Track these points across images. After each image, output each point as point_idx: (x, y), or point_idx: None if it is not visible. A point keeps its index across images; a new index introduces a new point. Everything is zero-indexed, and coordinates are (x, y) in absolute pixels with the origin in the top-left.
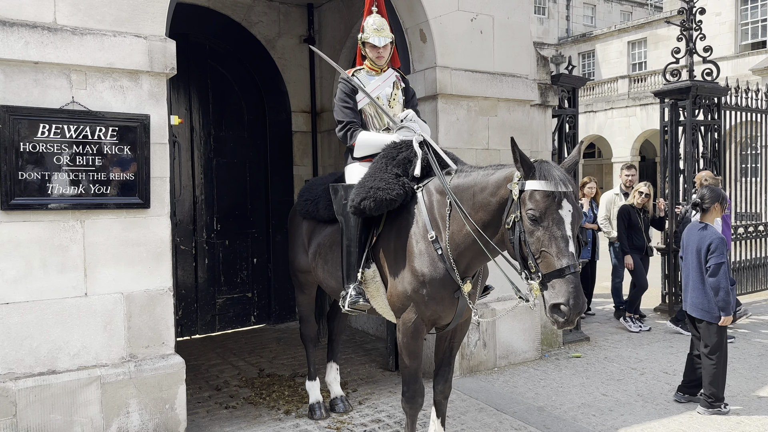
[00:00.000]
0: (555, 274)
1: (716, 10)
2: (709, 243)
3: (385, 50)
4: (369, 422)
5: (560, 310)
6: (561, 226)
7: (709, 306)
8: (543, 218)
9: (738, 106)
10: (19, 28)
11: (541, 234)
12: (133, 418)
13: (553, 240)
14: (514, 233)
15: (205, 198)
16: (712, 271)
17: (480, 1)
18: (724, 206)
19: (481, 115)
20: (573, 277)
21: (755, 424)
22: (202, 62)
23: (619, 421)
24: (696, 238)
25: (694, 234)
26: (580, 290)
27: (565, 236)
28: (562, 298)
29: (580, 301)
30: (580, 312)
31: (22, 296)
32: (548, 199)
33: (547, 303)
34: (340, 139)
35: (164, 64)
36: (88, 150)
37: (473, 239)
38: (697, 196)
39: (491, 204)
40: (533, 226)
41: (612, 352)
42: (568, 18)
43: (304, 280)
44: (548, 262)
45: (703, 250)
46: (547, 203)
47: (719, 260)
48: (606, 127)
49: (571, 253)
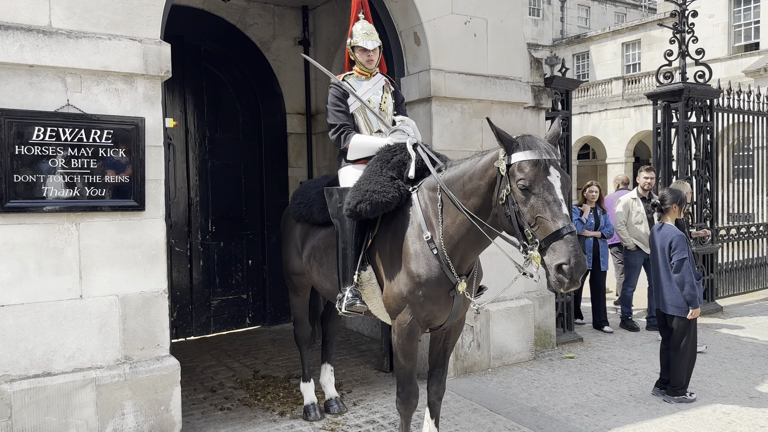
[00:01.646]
0: (552, 236)
1: (709, 11)
2: (670, 241)
3: (375, 54)
4: (363, 423)
5: (563, 270)
6: (552, 191)
7: (679, 301)
8: (533, 186)
9: (730, 108)
10: (15, 31)
11: (534, 201)
12: (128, 420)
13: (546, 205)
14: (508, 207)
15: (200, 200)
16: (675, 267)
17: (474, 4)
18: (682, 207)
19: (474, 118)
20: (571, 237)
21: (746, 423)
22: (197, 64)
23: (611, 421)
24: (658, 238)
25: (655, 234)
26: (579, 249)
27: (558, 200)
28: (564, 258)
29: (581, 259)
30: (582, 271)
31: (18, 298)
32: (536, 167)
33: (550, 266)
34: (333, 142)
35: (159, 67)
36: (83, 153)
37: (467, 228)
38: (658, 198)
39: (481, 188)
40: (525, 196)
41: (605, 352)
42: (562, 19)
43: (298, 282)
44: (545, 227)
45: (666, 248)
46: (535, 171)
47: (681, 256)
48: (600, 128)
49: (565, 215)
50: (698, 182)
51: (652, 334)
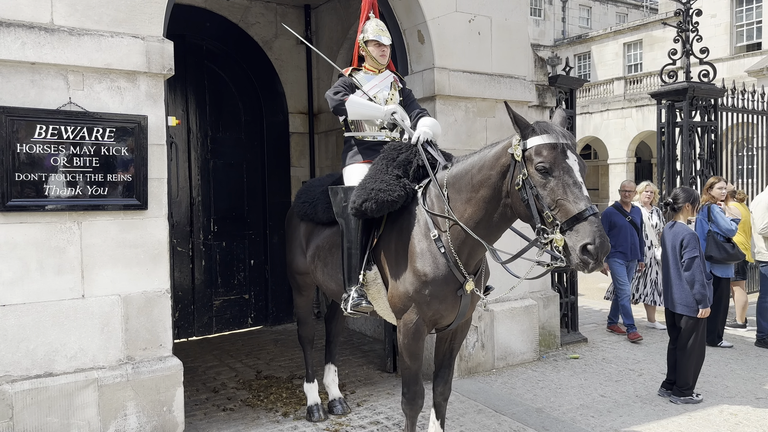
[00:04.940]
0: (575, 218)
1: (712, 12)
2: (681, 239)
3: (389, 50)
4: (367, 424)
5: (588, 251)
6: (571, 173)
7: (688, 300)
8: (553, 168)
9: (734, 108)
10: (16, 28)
11: (554, 184)
12: (130, 420)
13: (567, 188)
14: (525, 192)
15: (202, 199)
16: (686, 265)
17: (478, 2)
18: (695, 206)
19: (479, 116)
20: (594, 218)
21: (754, 424)
22: (199, 63)
23: (617, 422)
24: (670, 236)
25: (667, 233)
26: (603, 230)
27: (578, 182)
28: (588, 238)
29: (605, 239)
30: (607, 252)
31: (19, 298)
32: (554, 150)
33: (574, 248)
34: (332, 107)
35: (162, 65)
36: (86, 151)
37: (475, 223)
38: (671, 197)
39: (492, 177)
40: (544, 179)
41: (610, 353)
42: (563, 20)
43: (302, 282)
44: (566, 209)
45: (677, 246)
46: (554, 154)
47: (692, 254)
48: (602, 128)
49: (586, 196)
50: (702, 182)
51: (655, 335)
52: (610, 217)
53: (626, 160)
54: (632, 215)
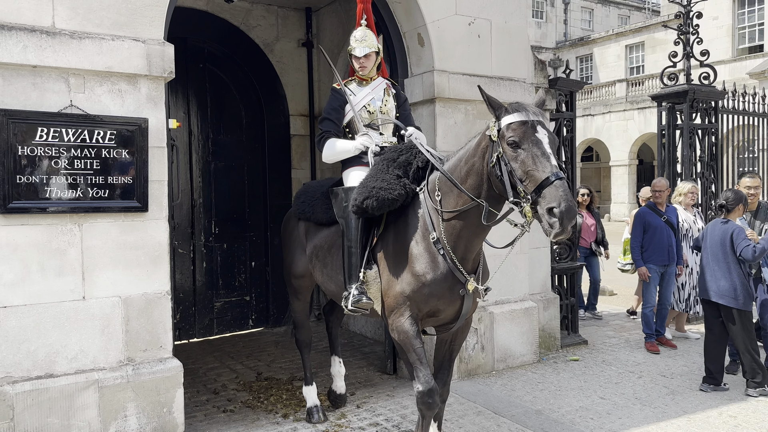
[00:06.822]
0: (541, 185)
1: (713, 14)
2: (731, 231)
3: (367, 60)
4: (367, 426)
5: (554, 213)
6: (540, 145)
7: (736, 293)
8: (522, 141)
9: (735, 110)
10: (18, 31)
11: (524, 156)
12: (130, 421)
13: (535, 158)
14: (499, 168)
15: (203, 201)
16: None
17: (478, 5)
18: (746, 207)
19: (479, 119)
20: (560, 183)
21: (753, 427)
22: (200, 66)
23: (617, 424)
24: (719, 232)
25: (717, 228)
26: (569, 195)
27: (546, 153)
28: (554, 201)
29: (572, 204)
30: (573, 217)
31: (20, 300)
32: (524, 125)
33: (542, 214)
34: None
35: (162, 68)
36: (87, 153)
37: (465, 212)
38: (722, 199)
39: (476, 164)
40: (514, 152)
41: (610, 355)
42: (565, 22)
43: (299, 285)
44: (534, 177)
45: (727, 240)
46: (524, 129)
47: (747, 241)
48: (604, 130)
49: (554, 164)
50: (703, 184)
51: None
52: (645, 218)
53: (628, 162)
54: (668, 215)
